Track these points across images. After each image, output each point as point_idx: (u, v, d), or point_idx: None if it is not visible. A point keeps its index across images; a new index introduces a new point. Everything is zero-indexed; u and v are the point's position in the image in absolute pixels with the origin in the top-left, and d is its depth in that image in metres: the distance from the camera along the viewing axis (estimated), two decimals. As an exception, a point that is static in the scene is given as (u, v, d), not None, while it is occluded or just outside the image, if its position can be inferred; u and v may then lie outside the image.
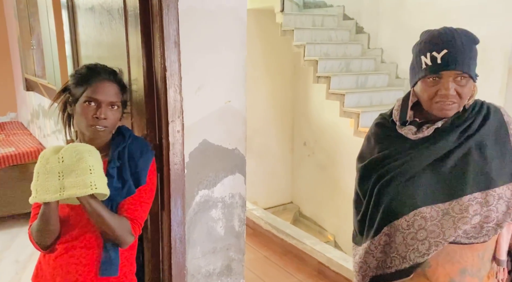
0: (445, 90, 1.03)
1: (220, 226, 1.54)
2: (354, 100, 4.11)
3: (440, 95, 1.05)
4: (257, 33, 5.25)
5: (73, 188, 1.09)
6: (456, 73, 1.03)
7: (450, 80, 1.03)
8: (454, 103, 1.05)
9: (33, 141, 3.83)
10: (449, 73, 1.03)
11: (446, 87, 1.03)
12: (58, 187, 1.09)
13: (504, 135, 1.11)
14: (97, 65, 1.26)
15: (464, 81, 1.04)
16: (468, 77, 1.04)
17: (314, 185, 5.60)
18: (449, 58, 1.02)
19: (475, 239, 1.07)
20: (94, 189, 1.10)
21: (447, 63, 1.02)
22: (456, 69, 1.02)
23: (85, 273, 1.21)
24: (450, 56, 1.02)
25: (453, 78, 1.04)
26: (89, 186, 1.09)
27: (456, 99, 1.05)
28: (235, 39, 1.45)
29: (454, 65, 1.02)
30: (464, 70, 1.03)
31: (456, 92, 1.04)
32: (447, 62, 1.02)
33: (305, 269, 2.80)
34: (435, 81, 1.05)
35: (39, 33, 3.36)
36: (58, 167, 1.10)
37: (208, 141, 1.46)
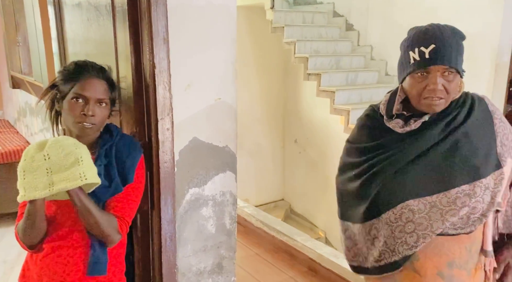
0: (433, 85, 1.05)
1: (211, 224, 1.54)
2: (344, 97, 4.13)
3: (428, 90, 1.06)
4: (248, 30, 5.24)
5: (62, 181, 1.07)
6: (444, 68, 1.05)
7: (438, 75, 1.05)
8: (441, 99, 1.07)
9: (20, 139, 3.77)
10: (437, 68, 1.05)
11: (434, 82, 1.05)
12: (47, 183, 1.07)
13: (489, 124, 1.12)
14: (85, 61, 1.25)
15: (451, 77, 1.06)
16: (455, 72, 1.06)
17: (305, 182, 5.62)
18: (437, 53, 1.04)
19: (461, 229, 1.09)
20: (84, 179, 1.09)
21: (435, 57, 1.04)
22: (444, 64, 1.04)
23: (72, 272, 1.20)
24: (438, 51, 1.04)
25: (441, 73, 1.05)
26: (78, 177, 1.08)
27: (443, 94, 1.07)
28: (225, 36, 1.44)
29: (442, 59, 1.04)
30: (451, 65, 1.04)
31: (443, 87, 1.06)
32: (435, 57, 1.04)
33: (296, 266, 2.80)
34: (423, 76, 1.07)
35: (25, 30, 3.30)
36: (45, 163, 1.08)
37: (198, 138, 1.45)
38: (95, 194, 1.18)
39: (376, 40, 4.65)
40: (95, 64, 1.25)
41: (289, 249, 2.93)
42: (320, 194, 5.30)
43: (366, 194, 1.16)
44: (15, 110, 4.38)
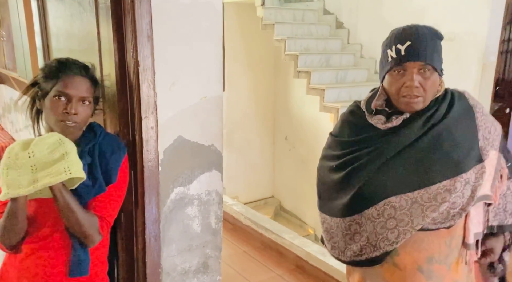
0: (410, 81, 1.07)
1: (196, 223, 1.53)
2: (334, 95, 4.14)
3: (406, 88, 1.08)
4: (238, 27, 5.21)
5: (46, 177, 1.06)
6: (420, 65, 1.07)
7: (414, 72, 1.07)
8: (419, 97, 1.08)
9: (5, 136, 3.71)
10: (413, 64, 1.07)
11: (410, 78, 1.07)
12: (31, 180, 1.06)
13: (471, 118, 1.14)
14: (68, 59, 1.22)
15: (428, 73, 1.08)
16: (432, 69, 1.08)
17: (295, 179, 5.63)
18: (412, 49, 1.06)
19: (441, 224, 1.10)
20: (68, 174, 1.08)
21: (410, 54, 1.06)
22: (419, 60, 1.06)
23: (53, 274, 1.18)
24: (413, 47, 1.06)
25: (417, 70, 1.07)
26: (63, 171, 1.07)
27: (420, 92, 1.08)
28: (211, 33, 1.43)
29: (417, 56, 1.06)
30: (427, 62, 1.06)
31: (420, 85, 1.07)
32: (410, 53, 1.06)
33: (284, 264, 2.81)
34: (400, 74, 1.09)
35: (9, 25, 3.24)
36: (30, 161, 1.07)
37: (183, 137, 1.43)
38: (78, 193, 1.16)
39: (366, 39, 4.67)
40: (78, 62, 1.22)
41: (277, 247, 2.93)
42: (309, 191, 5.31)
43: (346, 188, 1.17)
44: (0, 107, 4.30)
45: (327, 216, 1.24)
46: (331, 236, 1.23)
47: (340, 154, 1.21)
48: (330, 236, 1.23)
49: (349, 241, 1.18)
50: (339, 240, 1.20)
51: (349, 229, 1.17)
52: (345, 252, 1.19)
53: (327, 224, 1.25)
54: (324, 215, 1.25)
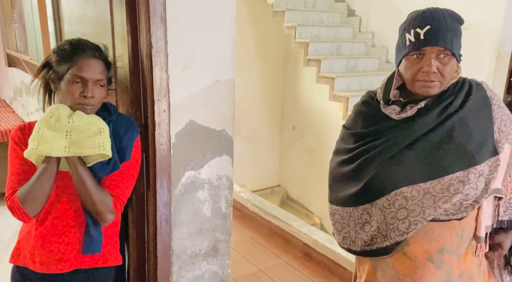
0: (427, 66, 1.04)
1: (206, 207, 1.53)
2: (344, 84, 4.10)
3: (423, 72, 1.06)
4: (248, 14, 5.16)
5: (81, 147, 1.11)
6: (438, 50, 1.04)
7: (432, 56, 1.05)
8: (435, 82, 1.06)
9: (16, 119, 3.74)
10: (431, 49, 1.04)
11: (428, 63, 1.04)
12: (63, 145, 1.10)
13: (487, 110, 1.11)
14: (80, 41, 1.21)
15: (446, 59, 1.05)
16: (450, 55, 1.05)
17: (302, 168, 5.63)
18: (432, 34, 1.03)
19: (453, 215, 1.09)
20: (102, 149, 1.13)
21: (430, 38, 1.03)
22: (438, 45, 1.03)
23: (67, 251, 1.20)
24: (432, 32, 1.03)
25: (435, 55, 1.05)
26: (97, 146, 1.12)
27: (438, 77, 1.06)
28: (224, 16, 1.41)
29: (437, 40, 1.03)
30: (447, 47, 1.03)
31: (438, 70, 1.05)
32: (430, 37, 1.03)
33: (291, 251, 2.83)
34: (418, 58, 1.06)
35: (20, 7, 3.24)
36: (67, 126, 1.11)
37: (195, 121, 1.43)
38: (93, 170, 1.18)
39: (378, 27, 4.60)
40: (90, 43, 1.22)
41: (284, 234, 2.95)
42: (316, 180, 5.32)
43: (358, 178, 1.16)
44: (11, 90, 4.34)
45: (338, 207, 1.23)
46: (343, 227, 1.22)
47: (353, 147, 1.20)
48: (341, 227, 1.23)
49: (359, 231, 1.17)
50: (350, 229, 1.20)
51: (360, 218, 1.17)
52: (356, 241, 1.19)
53: (338, 215, 1.24)
54: (336, 206, 1.24)
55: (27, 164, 1.18)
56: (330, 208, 1.27)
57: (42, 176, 1.13)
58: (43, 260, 1.20)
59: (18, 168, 1.19)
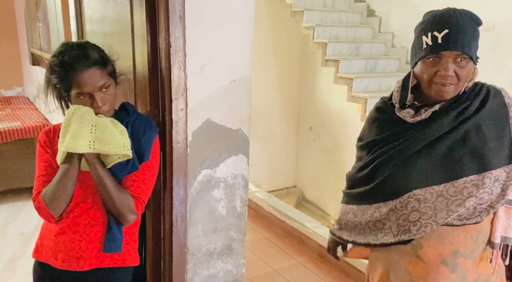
0: (444, 70, 1.03)
1: (222, 206, 1.54)
2: (362, 85, 4.05)
3: (439, 76, 1.04)
4: (266, 14, 5.15)
5: (105, 144, 1.12)
6: (456, 54, 1.03)
7: (450, 60, 1.03)
8: (451, 85, 1.05)
9: (38, 116, 3.84)
10: (449, 53, 1.03)
11: (446, 67, 1.03)
12: (88, 140, 1.11)
13: (504, 117, 1.09)
14: (64, 53, 1.14)
15: (464, 63, 1.04)
16: (468, 58, 1.03)
17: (319, 169, 5.59)
18: (450, 38, 1.02)
19: (467, 220, 1.07)
20: (126, 150, 1.14)
21: (448, 43, 1.02)
22: (456, 49, 1.02)
23: (88, 249, 1.22)
24: (451, 36, 1.01)
25: (453, 59, 1.03)
26: (122, 146, 1.14)
27: (454, 81, 1.05)
28: (242, 16, 1.41)
29: (455, 45, 1.01)
30: (464, 51, 1.02)
31: (455, 73, 1.04)
32: (448, 42, 1.02)
33: (306, 252, 2.81)
34: (435, 61, 1.05)
35: (45, 7, 3.32)
36: (94, 120, 1.12)
37: (211, 120, 1.44)
38: (112, 171, 1.19)
39: (398, 27, 4.53)
40: (76, 52, 1.13)
41: (300, 235, 2.93)
42: (333, 182, 5.27)
43: (373, 179, 1.16)
44: (34, 87, 4.45)
45: (353, 205, 1.23)
46: (355, 225, 1.22)
47: (366, 155, 1.21)
48: (353, 225, 1.23)
49: (372, 227, 1.17)
50: (364, 226, 1.20)
51: (372, 216, 1.17)
52: (368, 237, 1.19)
53: (351, 214, 1.24)
54: (351, 205, 1.24)
55: (52, 166, 1.21)
56: (343, 209, 1.27)
57: (64, 176, 1.15)
58: (64, 257, 1.23)
59: (43, 169, 1.22)
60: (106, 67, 1.18)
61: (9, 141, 3.34)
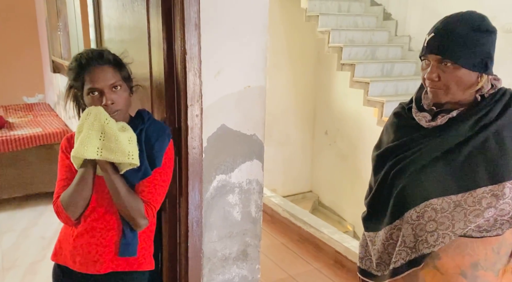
0: (428, 74, 1.05)
1: (236, 211, 1.54)
2: (379, 89, 4.01)
3: (426, 78, 1.06)
4: (281, 19, 5.17)
5: (111, 152, 1.14)
6: (439, 59, 1.03)
7: (435, 64, 1.04)
8: (440, 89, 1.05)
9: (59, 122, 3.93)
10: (433, 57, 1.04)
11: (429, 71, 1.05)
12: (96, 146, 1.14)
13: None
14: (82, 54, 1.23)
15: (449, 68, 1.02)
16: (453, 64, 1.01)
17: (335, 174, 5.54)
18: (433, 42, 1.03)
19: (487, 232, 1.04)
20: (131, 158, 1.16)
21: (430, 47, 1.04)
22: (435, 53, 1.03)
23: (105, 253, 1.24)
24: (434, 40, 1.03)
25: (437, 63, 1.04)
26: (126, 154, 1.15)
27: (439, 85, 1.04)
28: (257, 22, 1.42)
29: (436, 49, 1.03)
30: (446, 56, 1.01)
31: (440, 78, 1.04)
32: (430, 46, 1.04)
33: (322, 258, 2.79)
34: (427, 64, 1.07)
35: (65, 16, 3.42)
36: (103, 127, 1.15)
37: (226, 125, 1.45)
38: (125, 177, 1.21)
39: (415, 31, 4.47)
40: (92, 53, 1.22)
41: (315, 241, 2.91)
42: (349, 187, 5.22)
43: (390, 193, 1.13)
44: (55, 94, 4.57)
45: (373, 233, 1.20)
46: (373, 253, 1.20)
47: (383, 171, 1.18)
48: (375, 252, 1.20)
49: (391, 251, 1.15)
50: (382, 253, 1.17)
51: (391, 238, 1.14)
52: (390, 264, 1.15)
53: (370, 242, 1.21)
54: (373, 233, 1.21)
55: (72, 171, 1.25)
56: (367, 237, 1.23)
57: (80, 180, 1.19)
58: (82, 260, 1.25)
59: (63, 174, 1.27)
60: (120, 70, 1.23)
61: (31, 147, 3.43)
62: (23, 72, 5.07)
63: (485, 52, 1.02)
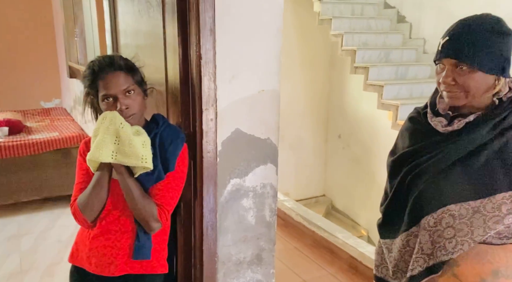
0: (443, 77, 1.04)
1: (251, 215, 1.54)
2: (393, 92, 3.97)
3: (441, 82, 1.05)
4: (293, 22, 5.17)
5: (126, 156, 1.16)
6: (454, 62, 1.01)
7: (450, 68, 1.03)
8: (458, 93, 1.03)
9: (75, 127, 4.00)
10: (448, 61, 1.03)
11: (445, 75, 1.04)
12: (111, 150, 1.16)
13: None
14: (94, 61, 1.25)
15: (465, 72, 1.01)
16: (469, 68, 1.00)
17: (348, 178, 5.50)
18: (448, 45, 1.02)
19: (508, 239, 1.01)
20: (144, 162, 1.18)
21: (445, 50, 1.03)
22: (451, 56, 1.01)
23: (119, 256, 1.26)
24: (449, 43, 1.02)
25: (452, 66, 1.02)
26: (140, 158, 1.17)
27: (459, 89, 1.02)
28: (271, 27, 1.43)
29: (450, 53, 1.02)
30: (461, 59, 1.00)
31: (457, 82, 1.02)
32: (445, 49, 1.03)
33: (336, 263, 2.76)
34: (442, 68, 1.05)
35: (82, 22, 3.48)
36: (118, 131, 1.17)
37: (240, 129, 1.45)
38: (140, 180, 1.23)
39: (430, 33, 4.42)
40: (103, 59, 1.24)
41: (330, 246, 2.89)
42: (363, 191, 5.16)
43: (406, 201, 1.12)
44: (71, 99, 4.65)
45: (390, 240, 1.19)
46: (390, 260, 1.18)
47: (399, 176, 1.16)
48: (391, 260, 1.18)
49: (408, 258, 1.13)
50: (398, 260, 1.15)
51: (408, 245, 1.12)
52: (406, 272, 1.13)
53: (386, 249, 1.19)
54: (389, 240, 1.19)
55: (89, 174, 1.27)
56: (382, 245, 1.21)
57: (96, 183, 1.21)
58: (97, 262, 1.27)
59: (80, 177, 1.29)
60: (132, 75, 1.25)
61: (48, 151, 3.49)
62: (40, 77, 5.18)
63: (502, 55, 1.01)
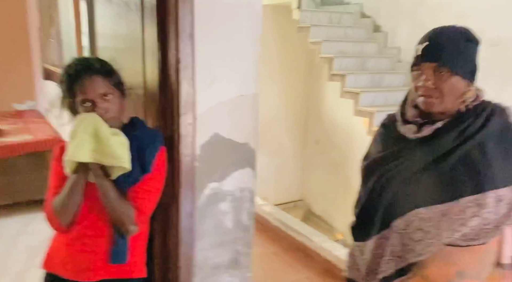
0: (423, 81, 1.06)
1: (228, 219, 1.55)
2: (369, 99, 4.06)
3: (420, 87, 1.07)
4: (272, 30, 5.23)
5: (104, 156, 1.16)
6: (435, 66, 1.05)
7: (429, 72, 1.06)
8: (434, 98, 1.06)
9: (49, 130, 3.90)
10: (428, 65, 1.06)
11: (424, 78, 1.06)
12: (88, 149, 1.15)
13: (509, 136, 1.08)
14: (70, 66, 1.24)
15: (445, 76, 1.05)
16: (450, 72, 1.04)
17: (326, 183, 5.57)
18: (428, 50, 1.05)
19: (472, 241, 1.05)
20: (122, 162, 1.17)
21: (426, 54, 1.06)
22: (432, 60, 1.05)
23: (96, 261, 1.24)
24: (428, 48, 1.05)
25: (432, 70, 1.06)
26: (118, 158, 1.17)
27: (436, 93, 1.06)
28: (250, 33, 1.45)
29: (432, 56, 1.05)
30: (442, 63, 1.04)
31: (436, 86, 1.05)
32: (425, 53, 1.06)
33: (313, 266, 2.79)
34: (419, 73, 1.08)
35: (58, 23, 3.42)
36: (96, 130, 1.16)
37: (219, 134, 1.46)
38: (117, 183, 1.22)
39: (404, 43, 4.56)
40: (80, 63, 1.23)
41: (306, 249, 2.92)
42: (340, 196, 5.24)
43: (377, 204, 1.15)
44: (46, 101, 4.54)
45: (362, 242, 1.22)
46: (362, 263, 1.21)
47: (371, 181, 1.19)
48: (364, 262, 1.21)
49: (380, 260, 1.16)
50: (370, 262, 1.18)
51: (380, 247, 1.16)
52: (379, 273, 1.16)
53: (359, 252, 1.22)
54: (362, 242, 1.22)
55: (64, 178, 1.25)
56: (356, 248, 1.24)
57: (72, 186, 1.20)
58: (73, 268, 1.25)
59: (55, 181, 1.27)
60: (109, 78, 1.24)
61: (21, 154, 3.39)
62: (13, 79, 5.02)
63: (474, 62, 1.07)
